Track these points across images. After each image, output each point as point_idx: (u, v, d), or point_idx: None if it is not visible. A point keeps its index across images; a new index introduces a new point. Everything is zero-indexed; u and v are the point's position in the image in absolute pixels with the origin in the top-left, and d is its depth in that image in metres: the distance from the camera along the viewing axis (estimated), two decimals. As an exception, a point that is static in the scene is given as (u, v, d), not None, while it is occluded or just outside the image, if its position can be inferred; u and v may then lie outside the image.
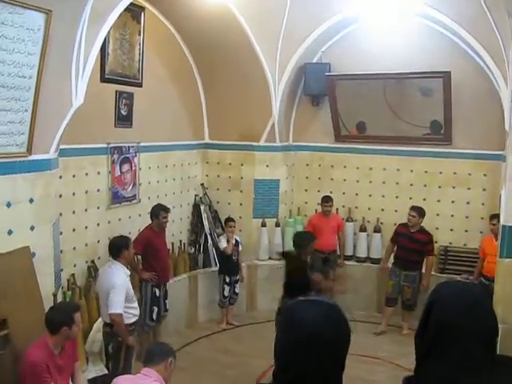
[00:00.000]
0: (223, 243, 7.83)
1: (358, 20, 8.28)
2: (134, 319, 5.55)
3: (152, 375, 3.76)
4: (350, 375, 1.77)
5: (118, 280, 5.33)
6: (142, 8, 7.02)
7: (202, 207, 8.66)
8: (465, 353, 1.71)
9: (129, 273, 5.63)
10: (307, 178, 9.27)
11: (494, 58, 7.00)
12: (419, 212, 7.65)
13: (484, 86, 7.63)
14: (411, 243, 7.62)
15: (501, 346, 1.82)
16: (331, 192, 8.78)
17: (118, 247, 5.58)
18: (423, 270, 7.75)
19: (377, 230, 8.68)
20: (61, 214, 5.64)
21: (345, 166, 8.96)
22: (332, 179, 9.07)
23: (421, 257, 7.69)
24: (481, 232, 8.02)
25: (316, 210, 8.88)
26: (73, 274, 6.17)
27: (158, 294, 6.79)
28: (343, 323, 1.71)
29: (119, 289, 5.28)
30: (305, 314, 1.69)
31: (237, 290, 8.04)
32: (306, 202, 9.26)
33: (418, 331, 1.89)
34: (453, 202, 8.28)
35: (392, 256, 8.01)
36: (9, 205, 4.36)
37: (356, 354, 6.60)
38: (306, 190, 9.28)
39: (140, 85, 7.15)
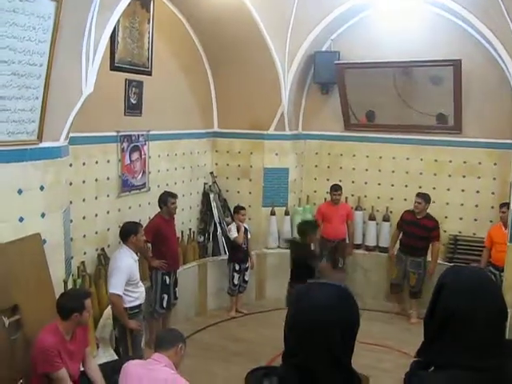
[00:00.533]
0: (234, 233, 7.85)
1: (367, 8, 8.23)
2: (136, 303, 5.60)
3: (162, 361, 3.79)
4: (358, 363, 1.78)
5: (121, 262, 5.45)
6: (152, -4, 7.01)
7: (212, 196, 8.68)
8: (472, 337, 1.72)
9: (136, 258, 5.71)
10: (316, 166, 9.26)
11: (505, 45, 6.94)
12: (425, 198, 7.67)
13: (495, 74, 7.58)
14: (417, 229, 7.65)
15: (509, 331, 1.82)
16: (340, 181, 8.77)
17: (126, 232, 5.70)
18: (429, 258, 7.80)
19: (386, 218, 8.67)
20: (71, 202, 5.67)
21: (354, 155, 8.95)
22: (341, 168, 9.06)
23: (427, 243, 7.74)
24: (490, 221, 8.00)
25: (325, 199, 8.88)
26: (83, 262, 6.21)
27: (168, 282, 6.83)
28: (353, 305, 1.73)
29: (120, 270, 5.40)
30: (315, 296, 1.71)
31: (246, 278, 8.07)
32: (315, 191, 9.26)
33: (426, 316, 1.90)
34: (463, 190, 8.26)
35: (398, 242, 8.06)
36: (20, 192, 4.39)
37: (364, 342, 6.64)
38: (315, 179, 9.28)
39: (149, 73, 7.16)
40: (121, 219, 6.75)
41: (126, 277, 5.42)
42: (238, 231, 7.83)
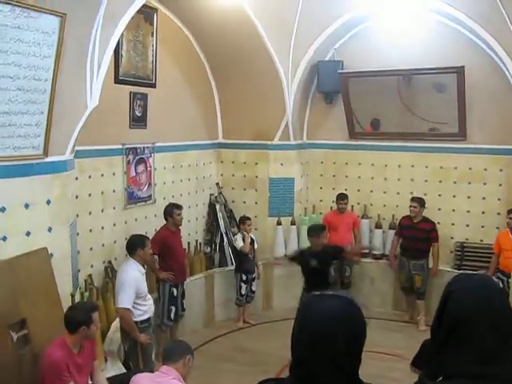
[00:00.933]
0: (240, 242, 7.85)
1: (370, 17, 8.26)
2: (145, 316, 5.55)
3: (170, 373, 3.79)
4: (366, 373, 1.78)
5: (128, 276, 5.40)
6: (155, 9, 7.06)
7: (218, 206, 8.69)
8: (480, 345, 1.72)
9: (144, 270, 5.67)
10: (322, 175, 9.27)
11: (508, 52, 6.98)
12: (420, 202, 7.84)
13: (498, 80, 7.58)
14: (416, 232, 7.79)
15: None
16: (346, 189, 8.76)
17: (132, 245, 5.66)
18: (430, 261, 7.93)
19: (392, 226, 8.64)
20: (77, 215, 5.69)
21: (359, 163, 8.95)
22: (347, 176, 9.06)
23: (427, 245, 7.87)
24: (497, 228, 7.98)
25: (331, 208, 8.87)
26: (90, 275, 6.22)
27: (175, 294, 6.83)
28: (359, 317, 1.73)
29: (127, 284, 5.35)
30: (320, 308, 1.71)
31: (254, 288, 8.06)
32: (321, 200, 9.25)
33: (433, 324, 1.90)
34: (468, 197, 8.24)
35: (399, 248, 8.16)
36: (27, 206, 4.42)
37: (372, 351, 6.60)
38: (320, 188, 9.28)
39: (154, 85, 7.20)
40: (127, 231, 6.76)
41: (134, 290, 5.38)
42: (244, 241, 7.83)
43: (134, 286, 5.38)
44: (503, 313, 1.77)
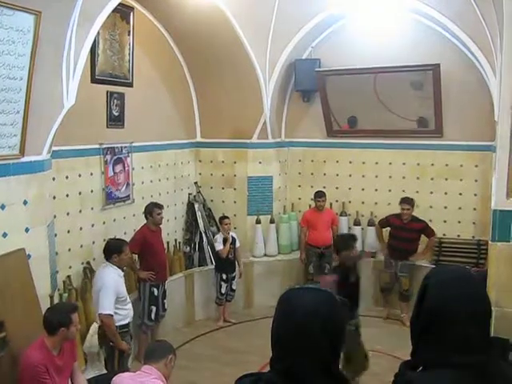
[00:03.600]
0: (219, 245, 7.81)
1: (346, 15, 8.31)
2: (125, 321, 5.47)
3: (152, 372, 3.76)
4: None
5: (107, 281, 5.28)
6: (131, 8, 7.01)
7: (196, 206, 8.67)
8: (458, 335, 1.73)
9: (122, 274, 5.56)
10: (300, 173, 9.30)
11: (482, 49, 7.04)
12: (411, 203, 7.81)
13: (473, 77, 7.67)
14: (406, 233, 7.77)
15: (495, 329, 1.84)
16: (324, 187, 8.80)
17: (109, 251, 5.54)
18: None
19: (371, 223, 8.71)
20: (55, 216, 5.64)
21: (337, 161, 9.00)
22: (325, 174, 9.10)
23: (415, 245, 7.87)
24: (473, 223, 8.08)
25: (310, 206, 8.90)
26: (68, 276, 6.16)
27: (156, 294, 6.79)
28: (337, 310, 1.73)
29: (108, 290, 5.23)
30: (299, 301, 1.71)
31: (234, 287, 8.05)
32: (300, 198, 9.28)
33: (412, 317, 1.91)
34: (445, 193, 8.33)
35: (386, 248, 8.11)
36: (3, 207, 4.36)
37: (353, 346, 6.65)
38: (299, 186, 9.31)
39: (131, 85, 7.16)
40: (106, 232, 6.72)
41: (115, 294, 5.28)
42: (225, 242, 7.80)
43: (114, 291, 5.28)
44: (481, 302, 1.79)
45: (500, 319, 2.60)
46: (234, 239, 7.97)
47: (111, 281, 5.31)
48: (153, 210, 6.79)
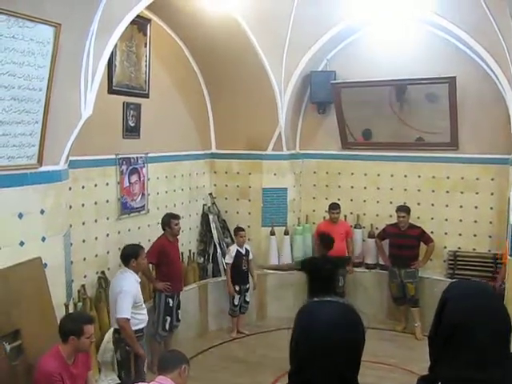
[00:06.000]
0: (229, 258, 7.85)
1: (362, 27, 8.32)
2: (141, 326, 5.53)
3: (166, 383, 3.76)
4: (360, 382, 1.78)
5: (125, 285, 5.35)
6: (148, 20, 7.08)
7: (211, 217, 8.69)
8: (478, 351, 1.72)
9: (139, 279, 5.63)
10: (315, 185, 9.28)
11: (498, 62, 7.02)
12: (407, 211, 7.95)
13: (489, 90, 7.64)
14: (404, 240, 7.87)
15: (513, 344, 1.83)
16: (339, 199, 8.79)
17: (126, 256, 5.62)
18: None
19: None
20: (71, 226, 5.67)
21: (352, 173, 8.98)
22: (339, 186, 9.08)
23: (416, 251, 7.95)
24: (489, 236, 8.01)
25: (324, 218, 8.88)
26: (83, 285, 6.19)
27: (171, 304, 6.81)
28: (358, 323, 1.73)
29: (126, 294, 5.29)
30: (319, 314, 1.71)
31: (247, 299, 8.03)
32: (314, 210, 9.26)
33: (430, 331, 1.90)
34: (461, 206, 8.27)
35: (388, 258, 8.21)
36: (20, 216, 4.41)
37: (367, 360, 6.60)
38: (313, 198, 9.29)
39: (147, 96, 7.21)
40: (121, 242, 6.75)
41: (132, 300, 5.34)
42: (239, 255, 7.83)
43: (131, 296, 5.34)
44: (501, 317, 1.78)
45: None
46: (247, 251, 7.97)
47: (129, 285, 5.37)
48: (170, 221, 6.82)
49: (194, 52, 8.23)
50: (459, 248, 8.27)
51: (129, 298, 5.30)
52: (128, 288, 5.34)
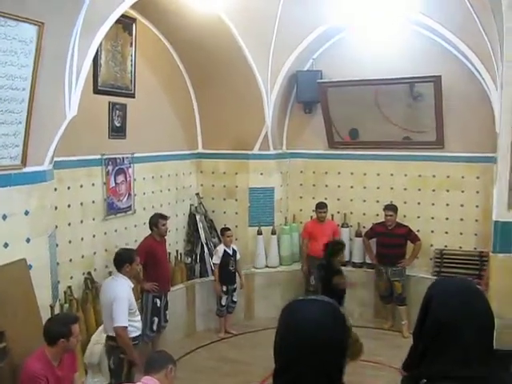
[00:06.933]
0: (216, 258, 7.84)
1: (348, 27, 8.34)
2: (137, 333, 5.43)
3: (152, 383, 3.75)
4: (349, 381, 1.77)
5: (121, 292, 5.22)
6: (133, 19, 7.05)
7: (198, 217, 8.67)
8: (463, 348, 1.72)
9: (132, 285, 5.52)
10: (301, 185, 9.29)
11: (483, 61, 7.07)
12: (395, 210, 7.99)
13: (474, 89, 7.68)
14: (391, 239, 7.92)
15: (496, 340, 1.84)
16: (326, 198, 8.80)
17: (121, 261, 5.48)
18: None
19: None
20: (56, 227, 5.63)
21: (339, 173, 8.99)
22: (326, 186, 9.10)
23: (403, 250, 8.00)
24: (475, 234, 8.06)
25: (311, 217, 8.89)
26: (69, 287, 6.15)
27: (158, 305, 6.79)
28: (343, 322, 1.72)
29: (121, 301, 5.16)
30: (304, 313, 1.69)
31: (235, 299, 8.02)
32: (301, 209, 9.27)
33: (415, 328, 1.90)
34: (447, 205, 8.32)
35: (375, 257, 8.25)
36: (4, 217, 4.36)
37: (355, 358, 6.63)
38: (300, 197, 9.30)
39: (133, 96, 7.18)
40: (107, 243, 6.72)
41: (128, 307, 5.22)
42: (226, 255, 7.82)
43: (127, 303, 5.23)
44: (486, 315, 1.78)
45: (502, 331, 2.59)
46: (234, 251, 7.96)
47: (124, 293, 5.25)
48: (158, 221, 6.81)
49: (180, 51, 8.20)
50: (446, 246, 8.32)
51: (125, 305, 5.17)
52: (123, 295, 5.21)
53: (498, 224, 3.72)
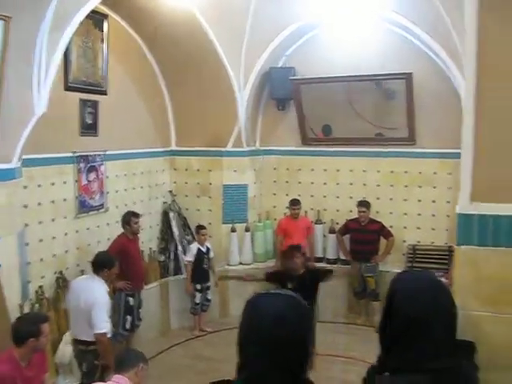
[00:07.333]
0: (190, 256, 7.84)
1: (321, 24, 8.36)
2: (109, 335, 5.29)
3: (122, 382, 3.70)
4: (322, 376, 1.78)
5: (101, 297, 5.11)
6: (105, 15, 6.98)
7: (171, 214, 8.62)
8: (427, 339, 1.75)
9: (108, 289, 5.42)
10: (275, 181, 9.30)
11: (452, 58, 7.14)
12: (368, 206, 8.11)
13: (445, 86, 7.75)
14: (365, 235, 8.02)
15: (459, 332, 1.86)
16: (299, 195, 8.82)
17: (101, 265, 5.38)
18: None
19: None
20: (27, 225, 5.56)
21: (312, 169, 9.02)
22: (300, 182, 9.12)
23: (376, 246, 8.10)
24: (446, 230, 8.15)
25: (285, 214, 8.91)
26: (41, 286, 6.06)
27: (131, 303, 6.74)
28: (306, 315, 1.71)
29: (102, 306, 5.05)
30: (267, 307, 1.67)
31: (209, 297, 8.01)
32: (275, 206, 9.28)
33: (381, 322, 1.91)
34: (419, 200, 8.40)
35: (349, 253, 8.32)
36: (-29, 216, 4.29)
37: (328, 354, 6.67)
38: (274, 194, 9.31)
39: (105, 93, 7.11)
40: (79, 241, 6.66)
41: (107, 311, 5.14)
42: (200, 253, 7.80)
43: (107, 308, 5.16)
44: (448, 306, 1.80)
45: (464, 322, 2.63)
46: (208, 249, 7.95)
47: (104, 297, 5.16)
48: (130, 219, 6.78)
49: (152, 48, 8.13)
50: (418, 242, 8.40)
51: (105, 310, 5.09)
52: (103, 299, 5.12)
53: (461, 216, 3.78)
